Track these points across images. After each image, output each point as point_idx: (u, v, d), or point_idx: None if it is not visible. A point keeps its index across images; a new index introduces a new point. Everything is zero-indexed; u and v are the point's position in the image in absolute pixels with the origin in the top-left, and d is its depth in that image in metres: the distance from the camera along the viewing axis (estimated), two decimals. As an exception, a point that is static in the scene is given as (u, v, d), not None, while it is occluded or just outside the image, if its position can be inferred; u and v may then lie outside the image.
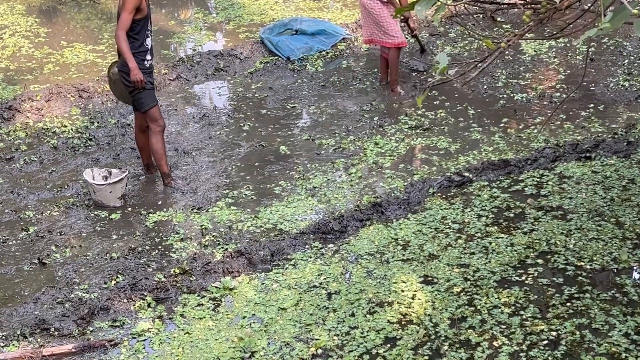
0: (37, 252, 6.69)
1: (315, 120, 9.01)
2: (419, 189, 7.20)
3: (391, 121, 8.73)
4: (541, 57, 10.16)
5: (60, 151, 8.45)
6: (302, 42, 10.82)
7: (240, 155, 8.24)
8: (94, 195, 7.32)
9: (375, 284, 5.89)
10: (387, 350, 5.21)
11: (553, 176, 7.24)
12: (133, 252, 6.59)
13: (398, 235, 6.52)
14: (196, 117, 9.18)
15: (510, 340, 5.21)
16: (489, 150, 7.87)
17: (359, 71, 10.25)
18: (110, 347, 5.48)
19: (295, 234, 6.66)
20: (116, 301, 5.92)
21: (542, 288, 5.72)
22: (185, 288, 6.04)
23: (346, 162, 7.87)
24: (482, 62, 4.48)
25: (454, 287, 5.79)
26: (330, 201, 7.18)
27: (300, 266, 6.22)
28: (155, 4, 13.00)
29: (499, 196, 6.99)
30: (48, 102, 9.42)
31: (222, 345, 5.38)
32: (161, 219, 7.07)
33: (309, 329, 5.47)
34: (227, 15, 12.40)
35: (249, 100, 9.60)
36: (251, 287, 6.00)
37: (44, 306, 5.95)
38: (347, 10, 12.24)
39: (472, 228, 6.53)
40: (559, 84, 9.37)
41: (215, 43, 11.48)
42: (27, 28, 11.93)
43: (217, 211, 7.13)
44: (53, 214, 7.25)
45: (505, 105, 8.95)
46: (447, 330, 5.34)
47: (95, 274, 6.33)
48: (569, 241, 6.23)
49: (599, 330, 5.22)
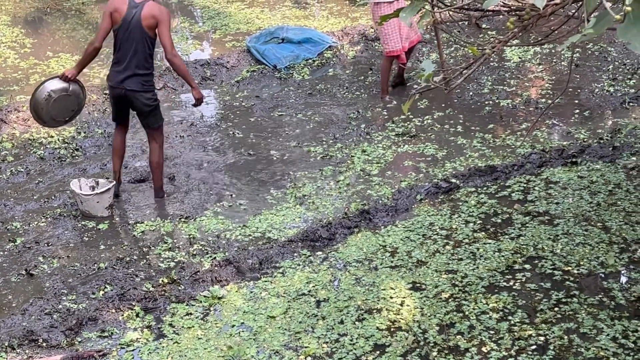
0: (24, 263, 6.67)
1: (303, 128, 9.02)
2: (406, 195, 7.22)
3: (378, 128, 8.75)
4: (526, 63, 10.21)
5: (47, 162, 8.43)
6: (288, 50, 10.84)
7: (227, 163, 8.25)
8: (81, 205, 7.30)
9: (363, 291, 5.90)
10: (376, 357, 5.22)
11: (539, 181, 7.27)
12: (121, 262, 6.57)
13: (386, 242, 6.53)
14: (183, 126, 9.18)
15: (499, 345, 5.22)
16: (476, 157, 7.90)
17: (345, 79, 10.27)
18: (98, 358, 5.46)
19: (283, 242, 6.66)
20: (104, 311, 5.90)
21: (530, 293, 5.74)
22: (174, 297, 6.03)
23: (334, 170, 7.89)
24: (467, 68, 4.51)
25: (442, 293, 5.80)
26: (319, 209, 7.19)
27: (289, 274, 6.22)
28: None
29: (486, 202, 7.01)
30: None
31: (211, 354, 5.37)
32: (149, 228, 7.06)
33: (298, 337, 5.47)
34: (214, 24, 12.41)
35: (236, 109, 9.61)
36: (240, 296, 5.99)
37: (32, 317, 5.92)
38: (333, 19, 12.27)
39: (460, 234, 6.55)
40: (544, 90, 9.41)
41: (202, 52, 11.49)
42: (12, 39, 11.91)
43: (205, 220, 7.13)
44: (40, 225, 7.23)
45: (491, 111, 8.99)
46: (436, 336, 5.35)
47: (83, 284, 6.31)
48: (556, 246, 6.25)
49: (586, 335, 5.24)
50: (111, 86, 7.35)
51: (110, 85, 7.35)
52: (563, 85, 9.27)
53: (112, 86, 7.34)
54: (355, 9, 12.71)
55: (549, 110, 8.69)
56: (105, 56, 11.24)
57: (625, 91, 9.16)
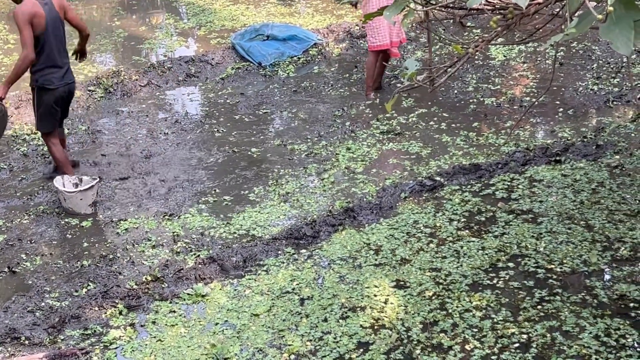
0: (7, 260, 6.63)
1: (288, 125, 9.02)
2: (390, 193, 7.22)
3: (363, 126, 8.76)
4: (511, 62, 10.24)
5: (30, 158, 8.39)
6: (273, 47, 10.83)
7: (212, 161, 8.23)
8: (65, 202, 7.27)
9: (347, 289, 5.90)
10: (359, 355, 5.22)
11: (523, 180, 7.29)
12: (104, 260, 6.55)
13: (370, 240, 6.53)
14: (168, 123, 9.15)
15: (482, 343, 5.23)
16: (460, 155, 7.91)
17: (330, 76, 10.27)
18: (81, 356, 5.43)
19: (267, 239, 6.65)
20: (87, 309, 5.88)
21: (513, 291, 5.75)
22: (157, 295, 6.02)
23: (318, 168, 7.88)
24: (451, 67, 4.51)
25: (426, 291, 5.81)
26: (303, 206, 7.18)
27: (273, 272, 6.21)
28: (126, 10, 12.96)
29: (470, 200, 7.03)
30: (17, 109, 9.35)
31: (194, 352, 5.36)
32: (133, 226, 7.04)
33: (281, 335, 5.47)
34: (199, 21, 12.38)
35: (221, 106, 9.59)
36: (223, 294, 5.98)
37: (14, 315, 5.89)
38: (318, 16, 12.26)
39: (444, 232, 6.56)
40: (528, 89, 9.44)
41: (187, 49, 11.46)
42: (-4, 35, 11.85)
43: (189, 217, 7.11)
44: (23, 222, 7.19)
45: (476, 109, 9.01)
46: (420, 334, 5.36)
47: (66, 282, 6.29)
48: (540, 244, 6.27)
49: (569, 333, 5.26)
50: (55, 88, 7.31)
51: (54, 88, 7.31)
52: (547, 83, 9.30)
53: (56, 87, 7.31)
54: (340, 6, 12.70)
55: (533, 109, 8.72)
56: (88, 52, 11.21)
57: (609, 90, 9.20)
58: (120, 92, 10.00)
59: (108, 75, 10.15)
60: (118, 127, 9.10)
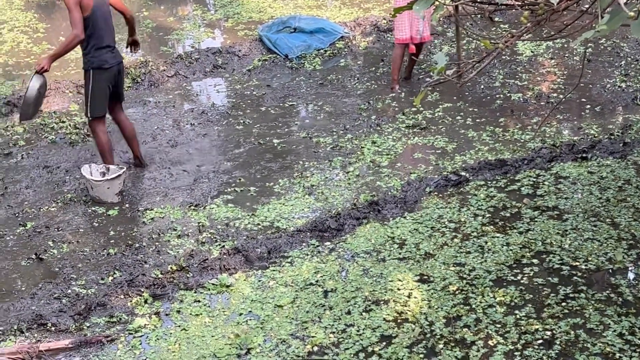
0: (34, 247, 6.71)
1: (313, 118, 9.03)
2: (415, 187, 7.22)
3: (389, 120, 8.75)
4: (539, 57, 10.19)
5: (59, 146, 8.46)
6: (300, 40, 10.84)
7: (238, 152, 8.26)
8: (92, 191, 7.34)
9: (371, 282, 5.91)
10: (382, 348, 5.24)
11: (549, 176, 7.26)
12: (130, 249, 6.61)
13: (394, 234, 6.54)
14: (194, 114, 9.20)
15: (505, 339, 5.23)
16: (486, 150, 7.90)
17: (357, 70, 10.27)
18: (106, 343, 5.50)
19: (292, 231, 6.68)
20: (113, 297, 5.94)
21: (538, 288, 5.74)
22: (182, 285, 6.06)
23: (343, 161, 7.90)
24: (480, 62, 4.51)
25: (449, 286, 5.81)
26: (328, 199, 7.20)
27: (297, 264, 6.24)
28: (154, 1, 13.02)
29: (495, 196, 7.01)
30: (46, 98, 9.42)
31: (218, 341, 5.40)
32: (158, 215, 7.09)
33: (305, 327, 5.50)
34: (226, 12, 12.42)
35: (247, 98, 9.62)
36: (248, 284, 6.02)
37: (41, 301, 5.97)
38: (345, 9, 12.26)
39: (468, 227, 6.56)
40: (556, 85, 9.39)
41: (214, 40, 11.50)
42: (25, 23, 11.94)
43: (214, 208, 7.15)
44: (51, 210, 7.26)
45: (502, 105, 8.98)
46: (443, 328, 5.36)
47: (92, 269, 6.35)
48: (565, 241, 6.25)
49: (593, 330, 5.25)
50: (110, 67, 7.47)
51: (109, 67, 7.46)
52: (575, 80, 9.25)
53: (111, 67, 7.48)
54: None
55: (560, 105, 8.68)
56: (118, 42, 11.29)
57: (637, 87, 9.14)
58: (148, 82, 10.06)
59: (136, 65, 10.21)
60: (145, 117, 9.16)
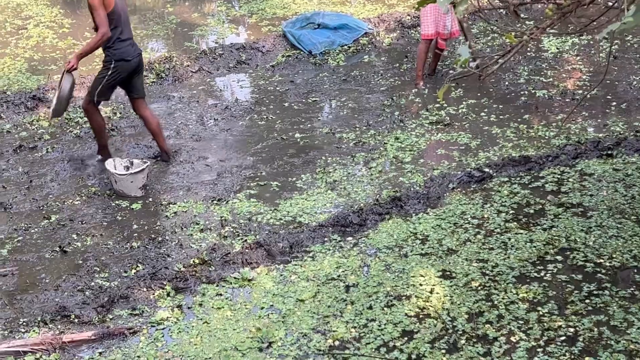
0: (58, 240, 6.75)
1: (336, 114, 9.03)
2: (438, 184, 7.20)
3: (412, 116, 8.73)
4: (564, 54, 10.12)
5: (83, 140, 8.51)
6: (324, 36, 10.83)
7: (261, 147, 8.27)
8: (116, 185, 7.37)
9: (393, 277, 5.90)
10: (404, 343, 5.22)
11: (574, 173, 7.22)
12: (153, 242, 6.64)
13: (417, 230, 6.52)
14: (218, 109, 9.22)
15: (528, 335, 5.20)
16: (510, 147, 7.85)
17: (380, 66, 10.25)
18: (129, 335, 5.52)
19: (314, 226, 6.68)
20: (136, 290, 5.96)
21: (561, 284, 5.71)
22: (205, 278, 6.08)
23: (366, 156, 7.88)
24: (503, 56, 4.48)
25: (472, 282, 5.79)
26: (350, 195, 7.19)
27: (319, 258, 6.24)
28: (178, -3, 13.07)
29: (519, 192, 6.97)
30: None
31: (240, 335, 5.41)
32: (181, 209, 7.12)
33: (326, 321, 5.49)
34: (250, 8, 12.43)
35: (271, 94, 9.63)
36: (270, 279, 6.03)
37: (65, 293, 6.01)
38: (369, 5, 12.24)
39: (492, 224, 6.53)
40: (581, 81, 9.33)
41: (238, 36, 11.52)
42: (51, 19, 12.02)
43: (237, 203, 7.17)
44: (75, 203, 7.31)
45: (527, 101, 8.92)
46: (465, 324, 5.35)
47: (115, 262, 6.39)
48: (589, 238, 6.21)
49: (617, 328, 5.21)
50: (132, 59, 7.58)
51: (131, 59, 7.57)
52: (600, 77, 9.17)
53: (133, 59, 7.59)
54: (392, -4, 12.65)
55: (585, 102, 8.61)
56: (141, 38, 11.33)
57: (663, 84, 9.05)
58: (172, 77, 10.09)
59: (160, 60, 10.25)
60: (169, 112, 9.19)
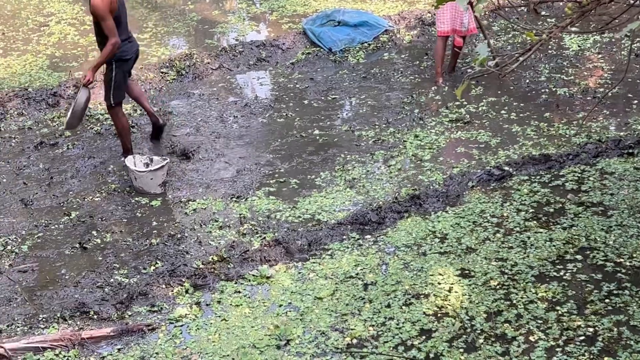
0: (78, 236, 6.79)
1: (356, 111, 9.02)
2: (458, 182, 7.18)
3: (432, 114, 8.70)
4: (585, 52, 10.04)
5: (104, 137, 8.55)
6: (344, 33, 10.81)
7: (280, 145, 8.28)
8: (135, 181, 7.41)
9: (411, 275, 5.89)
10: (422, 341, 5.22)
11: (594, 172, 7.17)
12: (172, 239, 6.66)
13: (436, 228, 6.51)
14: (238, 106, 9.23)
15: (547, 335, 5.18)
16: (530, 145, 7.81)
17: (400, 63, 10.22)
18: (148, 332, 5.55)
19: (333, 224, 6.68)
20: (155, 286, 5.99)
21: (580, 284, 5.68)
22: (223, 275, 6.10)
23: (385, 154, 7.87)
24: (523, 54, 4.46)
25: (490, 281, 5.77)
26: (369, 193, 7.18)
27: (337, 256, 6.24)
28: (199, -6, 13.09)
29: (538, 191, 6.94)
30: (92, 90, 9.51)
31: (258, 332, 5.42)
32: (201, 206, 7.14)
33: (344, 319, 5.50)
34: (271, 5, 12.43)
35: (290, 91, 9.63)
36: (288, 276, 6.03)
37: (84, 290, 6.05)
38: (390, 2, 12.20)
39: (511, 222, 6.50)
40: (602, 80, 9.26)
41: (258, 33, 11.52)
42: (73, 16, 12.07)
43: (256, 200, 7.18)
44: (95, 200, 7.35)
45: (548, 99, 8.87)
46: (483, 323, 5.33)
47: (134, 259, 6.42)
48: (609, 237, 6.17)
49: (637, 328, 5.18)
50: (130, 57, 7.72)
51: (130, 58, 7.70)
52: (622, 75, 9.10)
53: (131, 57, 7.72)
54: (412, -7, 12.61)
55: (606, 100, 8.55)
56: (161, 35, 11.37)
57: (686, 82, 8.97)
58: (192, 74, 10.11)
59: (181, 57, 10.28)
60: (189, 109, 9.21)
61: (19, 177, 7.85)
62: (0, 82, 9.81)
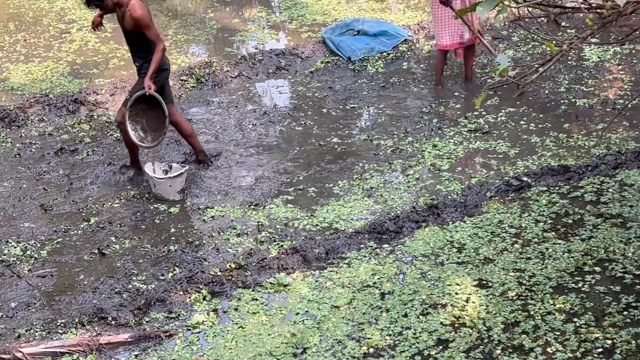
0: (97, 242, 6.83)
1: (374, 120, 9.02)
2: (476, 192, 7.17)
3: (450, 124, 8.70)
4: (605, 63, 10.01)
5: (123, 144, 8.59)
6: (363, 42, 10.83)
7: (298, 153, 8.30)
8: (154, 188, 7.44)
9: (429, 285, 5.89)
10: (439, 352, 5.21)
11: (614, 183, 7.14)
12: (190, 246, 6.69)
13: (454, 238, 6.50)
14: (256, 114, 9.26)
15: (564, 346, 5.16)
16: (549, 156, 7.79)
17: (419, 73, 10.22)
18: (165, 338, 5.57)
19: (350, 233, 6.69)
20: (172, 293, 6.01)
21: (599, 296, 5.65)
22: (240, 283, 6.11)
23: (404, 164, 7.87)
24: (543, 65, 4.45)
25: (508, 292, 5.75)
26: (387, 202, 7.19)
27: (355, 265, 6.24)
28: (220, 2, 13.15)
29: (557, 202, 6.92)
30: (112, 96, 9.60)
31: (274, 340, 5.43)
32: (219, 214, 7.16)
33: (361, 328, 5.50)
34: (290, 14, 12.47)
35: (309, 100, 9.65)
36: (305, 284, 6.04)
37: (102, 295, 6.08)
38: (409, 12, 12.22)
39: (529, 233, 6.48)
40: (622, 91, 9.22)
41: (278, 42, 11.56)
42: (94, 23, 12.16)
43: (274, 208, 7.19)
44: (114, 206, 7.39)
45: (567, 110, 8.84)
46: (501, 334, 5.31)
47: (152, 265, 6.45)
48: (628, 249, 6.14)
49: (655, 341, 5.15)
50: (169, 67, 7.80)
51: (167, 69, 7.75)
52: (642, 86, 9.07)
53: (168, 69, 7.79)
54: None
55: (626, 112, 8.51)
56: (181, 43, 11.43)
57: None
58: (212, 82, 10.16)
59: (200, 65, 10.33)
60: (208, 117, 9.25)
61: (39, 183, 7.91)
62: (21, 88, 9.90)
